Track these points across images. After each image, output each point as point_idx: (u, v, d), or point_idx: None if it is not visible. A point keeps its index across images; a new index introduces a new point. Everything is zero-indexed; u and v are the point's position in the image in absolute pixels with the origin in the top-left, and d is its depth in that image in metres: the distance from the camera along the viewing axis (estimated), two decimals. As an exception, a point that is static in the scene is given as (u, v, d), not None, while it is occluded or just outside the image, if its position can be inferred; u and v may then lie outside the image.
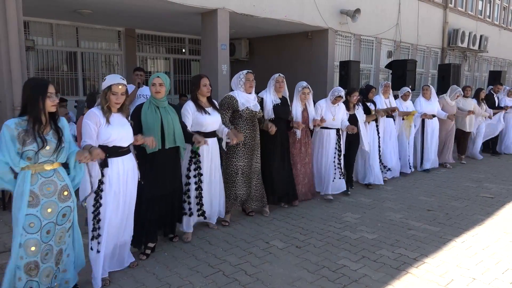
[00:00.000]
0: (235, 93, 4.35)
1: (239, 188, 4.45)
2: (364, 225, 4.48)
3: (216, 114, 4.04)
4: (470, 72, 16.04)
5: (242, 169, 4.41)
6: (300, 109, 5.04)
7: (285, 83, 4.81)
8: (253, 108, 4.36)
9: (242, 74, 4.41)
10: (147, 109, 3.56)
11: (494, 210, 5.05)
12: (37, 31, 8.40)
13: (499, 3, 17.39)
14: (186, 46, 11.13)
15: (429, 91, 7.08)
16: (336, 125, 5.34)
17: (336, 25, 9.48)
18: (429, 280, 3.25)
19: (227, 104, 4.29)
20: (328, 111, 5.31)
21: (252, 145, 4.43)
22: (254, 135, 4.45)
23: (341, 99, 5.28)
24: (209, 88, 3.99)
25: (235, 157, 4.38)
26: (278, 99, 4.77)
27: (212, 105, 4.07)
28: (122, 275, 3.28)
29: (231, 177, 4.42)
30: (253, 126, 4.43)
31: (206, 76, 4.04)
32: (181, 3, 6.60)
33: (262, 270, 3.39)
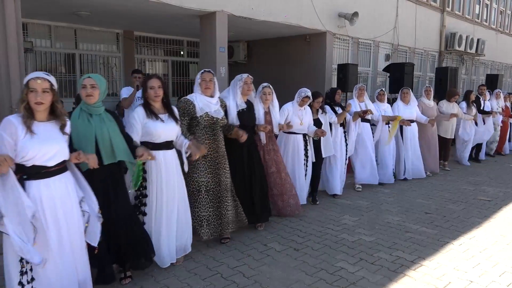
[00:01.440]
0: (192, 96, 3.75)
1: (203, 209, 3.74)
2: (362, 227, 4.49)
3: (172, 123, 3.37)
4: (467, 75, 16.10)
5: (205, 186, 3.75)
6: (262, 111, 4.51)
7: (253, 85, 4.26)
8: (215, 114, 3.75)
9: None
10: (77, 117, 2.86)
11: (491, 213, 5.07)
12: (36, 33, 8.39)
13: (496, 7, 17.48)
14: (185, 49, 11.14)
15: (409, 95, 6.63)
16: (303, 130, 5.00)
17: (334, 28, 9.51)
18: (426, 282, 3.26)
19: (182, 110, 3.66)
20: (295, 115, 4.94)
21: (215, 158, 3.80)
22: (217, 145, 3.80)
23: (309, 99, 4.94)
24: (158, 92, 3.30)
25: (195, 172, 3.74)
26: (244, 104, 4.20)
27: (169, 111, 3.41)
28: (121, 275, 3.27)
29: (192, 196, 3.72)
30: (215, 135, 3.79)
31: (157, 77, 3.39)
32: (179, 5, 6.61)
33: (260, 273, 3.40)
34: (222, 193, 3.86)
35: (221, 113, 3.82)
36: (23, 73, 5.26)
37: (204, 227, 3.74)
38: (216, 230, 3.85)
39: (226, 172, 3.89)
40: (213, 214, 3.81)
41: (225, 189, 3.87)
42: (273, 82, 4.99)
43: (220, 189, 3.84)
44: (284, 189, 4.66)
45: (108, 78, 9.71)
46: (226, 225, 3.90)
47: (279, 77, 9.96)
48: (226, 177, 3.88)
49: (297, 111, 4.95)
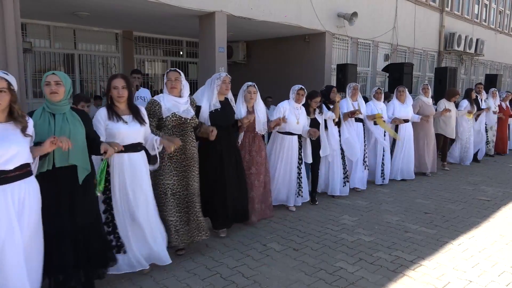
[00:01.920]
0: (160, 97, 3.58)
1: (170, 214, 3.55)
2: (361, 227, 4.49)
3: (136, 125, 3.18)
4: (467, 75, 16.12)
5: (172, 189, 3.55)
6: (245, 111, 4.34)
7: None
8: (183, 114, 3.57)
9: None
10: (38, 117, 2.68)
11: (491, 213, 5.07)
12: (35, 33, 8.40)
13: (495, 7, 17.50)
14: (184, 49, 11.15)
15: (405, 94, 6.55)
16: (299, 131, 4.89)
17: (334, 28, 9.52)
18: (426, 282, 3.26)
19: (149, 111, 3.48)
20: (292, 114, 4.80)
21: (183, 159, 3.59)
22: (186, 147, 3.60)
23: (304, 92, 4.86)
24: (121, 92, 3.12)
25: (161, 174, 3.54)
26: (218, 103, 4.00)
27: (134, 113, 3.22)
28: (119, 277, 3.27)
29: (159, 199, 3.52)
30: (184, 136, 3.60)
31: (122, 76, 3.21)
32: (179, 5, 6.62)
33: (260, 273, 3.40)
34: (190, 198, 3.65)
35: (190, 113, 3.62)
36: (22, 73, 5.26)
37: (172, 232, 3.55)
38: (185, 237, 3.64)
39: (195, 175, 3.68)
40: (180, 220, 3.60)
41: (193, 193, 3.66)
42: (272, 82, 5.00)
43: (188, 193, 3.63)
44: (262, 192, 4.55)
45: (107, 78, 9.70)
46: (196, 231, 3.68)
47: (278, 77, 9.97)
48: (194, 181, 3.67)
49: (294, 109, 4.85)
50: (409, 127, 6.60)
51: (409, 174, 6.69)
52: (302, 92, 4.85)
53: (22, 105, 5.21)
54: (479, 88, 8.62)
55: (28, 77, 8.19)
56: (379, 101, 6.31)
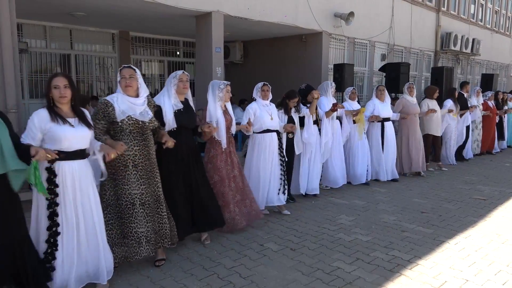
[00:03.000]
0: (113, 97, 3.23)
1: (141, 225, 3.27)
2: (358, 227, 4.50)
3: (83, 128, 2.89)
4: (463, 75, 16.17)
5: (140, 199, 3.27)
6: (221, 112, 4.13)
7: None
8: (140, 117, 3.25)
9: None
10: None
11: (487, 212, 5.09)
12: (31, 34, 8.37)
13: (491, 6, 17.56)
14: (181, 49, 11.13)
15: (385, 93, 6.59)
16: (275, 126, 4.82)
17: (330, 28, 9.53)
18: (422, 281, 3.27)
19: (100, 112, 3.18)
20: (264, 111, 4.73)
21: (147, 166, 3.33)
22: (148, 152, 3.32)
23: (268, 87, 4.80)
24: (63, 92, 2.80)
25: (126, 184, 3.23)
26: (180, 104, 3.75)
27: (79, 116, 2.92)
28: (116, 278, 3.26)
29: (126, 211, 3.24)
30: (144, 140, 3.30)
31: (64, 75, 2.91)
32: (175, 5, 6.61)
33: (257, 273, 3.40)
34: (156, 206, 3.43)
35: (148, 115, 3.30)
36: (18, 74, 5.24)
37: (143, 244, 3.28)
38: (155, 245, 3.43)
39: (158, 181, 3.44)
40: (151, 229, 3.37)
41: (159, 200, 3.44)
42: (269, 82, 4.98)
43: (155, 199, 3.42)
44: (245, 194, 4.42)
45: (104, 78, 9.69)
46: (164, 239, 3.47)
47: (275, 77, 9.96)
48: (158, 187, 3.43)
49: (264, 107, 4.76)
50: (390, 127, 6.64)
51: (393, 174, 6.71)
52: (266, 88, 4.79)
53: (18, 106, 5.21)
54: (467, 88, 8.63)
55: (24, 77, 8.16)
56: (353, 101, 6.44)
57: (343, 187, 6.09)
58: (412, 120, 6.91)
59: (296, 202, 5.40)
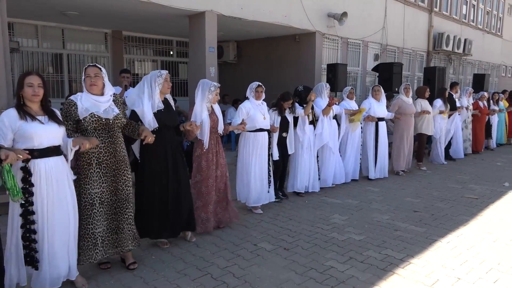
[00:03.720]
0: (77, 96, 3.21)
1: (97, 225, 3.20)
2: (351, 226, 4.51)
3: (54, 125, 2.90)
4: (455, 75, 16.30)
5: (99, 198, 3.21)
6: (206, 113, 4.13)
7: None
8: (104, 114, 3.20)
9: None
10: None
11: (479, 211, 5.13)
12: (22, 33, 8.30)
13: (482, 7, 17.72)
14: (174, 49, 11.10)
15: (381, 92, 6.71)
16: (267, 126, 4.91)
17: (324, 28, 9.55)
18: (415, 280, 3.29)
19: (64, 112, 3.16)
20: (257, 111, 4.78)
21: (113, 164, 3.26)
22: (114, 149, 3.26)
23: (262, 88, 4.85)
24: (37, 91, 2.84)
25: (88, 183, 3.18)
26: (161, 103, 3.72)
27: (49, 113, 2.94)
28: (109, 278, 3.25)
29: (85, 211, 3.18)
30: (110, 137, 3.25)
31: (38, 74, 2.92)
32: (168, 5, 6.58)
33: (250, 273, 3.39)
34: (120, 204, 3.33)
35: (113, 112, 3.26)
36: (9, 73, 5.19)
37: (98, 245, 3.21)
38: (112, 247, 3.34)
39: (126, 179, 3.35)
40: (108, 228, 3.30)
41: (124, 199, 3.34)
42: (263, 82, 4.99)
43: (117, 198, 3.32)
44: (223, 195, 4.41)
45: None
46: (125, 241, 3.37)
47: (269, 77, 9.97)
48: (125, 186, 3.34)
49: (258, 106, 4.82)
50: (384, 127, 6.76)
51: (384, 172, 6.83)
52: (261, 89, 4.84)
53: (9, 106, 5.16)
54: (456, 89, 8.66)
55: (16, 77, 8.08)
56: (352, 100, 6.59)
57: (336, 187, 6.12)
58: (408, 120, 7.03)
59: (289, 201, 5.42)
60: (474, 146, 9.40)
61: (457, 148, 8.73)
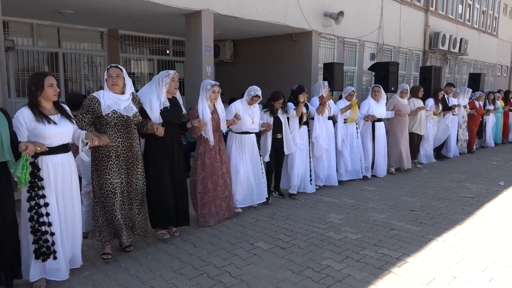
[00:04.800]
0: (100, 93, 3.46)
1: (119, 213, 3.53)
2: (348, 225, 4.52)
3: (66, 124, 3.09)
4: (451, 74, 16.36)
5: (120, 188, 3.52)
6: (209, 110, 4.31)
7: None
8: (124, 112, 3.46)
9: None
10: None
11: (474, 210, 5.15)
12: (17, 31, 8.24)
13: (478, 7, 17.78)
14: (170, 48, 11.07)
15: (380, 93, 6.64)
16: (255, 129, 4.90)
17: (320, 27, 9.56)
18: (411, 279, 3.30)
19: (87, 107, 3.39)
20: (246, 114, 4.79)
21: (129, 157, 3.55)
22: (131, 144, 3.54)
23: (258, 98, 4.81)
24: (57, 89, 3.05)
25: (108, 173, 3.45)
26: (167, 101, 3.92)
27: (61, 111, 3.13)
28: (105, 278, 3.24)
29: (109, 200, 3.46)
30: (128, 133, 3.52)
31: (52, 74, 3.09)
32: (165, 4, 6.56)
33: (247, 272, 3.39)
34: (133, 195, 3.65)
35: (132, 110, 3.53)
36: (4, 72, 5.16)
37: (124, 230, 3.56)
38: (131, 233, 3.71)
39: (138, 173, 3.66)
40: (126, 217, 3.63)
41: (136, 190, 3.66)
42: (259, 81, 5.01)
43: (131, 190, 3.63)
44: (215, 194, 4.47)
45: (93, 77, 9.59)
46: (137, 229, 3.74)
47: (266, 76, 9.98)
48: (137, 179, 3.65)
49: (247, 109, 4.82)
50: (382, 127, 6.74)
51: (381, 172, 6.83)
52: (256, 99, 4.81)
53: (4, 104, 5.13)
54: (449, 89, 8.69)
55: (11, 76, 8.04)
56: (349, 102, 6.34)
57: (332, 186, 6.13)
58: (402, 120, 7.05)
59: (286, 200, 5.42)
60: (470, 146, 9.42)
61: (453, 146, 8.73)
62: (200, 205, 4.41)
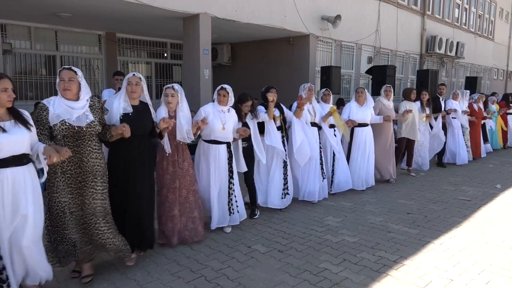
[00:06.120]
0: (50, 100, 3.01)
1: (73, 232, 3.05)
2: (345, 228, 4.53)
3: (21, 131, 2.69)
4: (448, 77, 16.44)
5: (69, 209, 3.02)
6: (166, 116, 3.78)
7: (142, 87, 3.49)
8: (76, 122, 2.98)
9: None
10: None
11: (471, 213, 5.17)
12: (15, 34, 8.25)
13: (474, 11, 17.90)
14: (168, 51, 11.09)
15: (364, 95, 6.05)
16: (226, 138, 4.22)
17: (317, 31, 9.60)
18: (408, 282, 3.31)
19: (35, 117, 2.94)
20: (217, 118, 4.15)
21: (79, 174, 3.04)
22: (81, 159, 3.03)
23: (226, 92, 4.19)
24: (12, 95, 2.66)
25: (56, 192, 2.99)
26: (129, 107, 3.44)
27: (16, 117, 2.73)
28: (103, 281, 3.23)
29: (58, 219, 3.01)
30: (77, 147, 3.02)
31: (8, 77, 2.73)
32: (162, 7, 6.59)
33: (244, 275, 3.39)
34: (88, 219, 3.11)
35: (87, 119, 3.04)
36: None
37: (77, 247, 3.08)
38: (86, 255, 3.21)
39: (94, 192, 3.09)
40: (81, 240, 3.14)
41: (91, 213, 3.10)
42: (257, 84, 5.00)
43: (84, 214, 3.09)
44: (182, 210, 3.94)
45: (90, 80, 9.60)
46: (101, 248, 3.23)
47: (263, 79, 9.99)
48: (93, 199, 3.09)
49: (219, 113, 4.19)
50: (369, 131, 6.11)
51: (371, 181, 6.22)
52: (224, 93, 4.20)
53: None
54: (442, 89, 8.14)
55: (8, 79, 8.03)
56: (328, 103, 5.77)
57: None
58: (385, 126, 6.44)
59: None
60: (474, 153, 8.78)
61: (463, 153, 8.19)
62: (158, 218, 3.93)
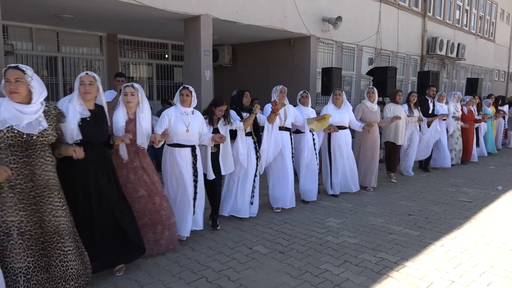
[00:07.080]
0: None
1: (17, 259, 2.62)
2: (346, 230, 4.53)
3: None
4: (449, 79, 16.43)
5: (18, 229, 2.62)
6: (123, 119, 3.52)
7: (97, 87, 3.12)
8: (26, 129, 2.61)
9: None
10: None
11: (472, 214, 5.17)
12: (16, 35, 8.26)
13: (475, 12, 17.90)
14: (169, 52, 11.10)
15: (341, 97, 5.75)
16: (191, 141, 3.98)
17: (318, 32, 9.61)
18: (409, 283, 3.31)
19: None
20: (180, 121, 3.90)
21: (29, 189, 2.67)
22: (32, 172, 2.66)
23: (189, 91, 3.94)
24: None
25: (1, 210, 2.60)
26: (86, 111, 3.09)
27: None
28: (104, 282, 3.24)
29: (1, 243, 2.61)
30: (27, 157, 2.65)
31: None
32: (163, 9, 6.60)
33: (245, 276, 3.40)
34: (49, 237, 2.76)
35: (40, 126, 2.68)
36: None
37: (20, 283, 2.62)
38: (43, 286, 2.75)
39: (53, 208, 2.75)
40: (34, 266, 2.70)
41: (53, 231, 2.76)
42: (257, 85, 5.00)
43: (44, 232, 2.74)
44: (157, 218, 3.67)
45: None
46: (61, 281, 2.80)
47: (264, 81, 10.00)
48: (53, 216, 2.75)
49: (182, 115, 3.95)
50: (347, 134, 5.85)
51: (350, 186, 5.93)
52: (187, 92, 3.94)
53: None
54: (433, 91, 7.71)
55: (10, 80, 8.04)
56: (306, 106, 5.52)
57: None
58: (369, 132, 6.02)
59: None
60: (464, 157, 8.39)
61: (445, 156, 7.83)
62: None
